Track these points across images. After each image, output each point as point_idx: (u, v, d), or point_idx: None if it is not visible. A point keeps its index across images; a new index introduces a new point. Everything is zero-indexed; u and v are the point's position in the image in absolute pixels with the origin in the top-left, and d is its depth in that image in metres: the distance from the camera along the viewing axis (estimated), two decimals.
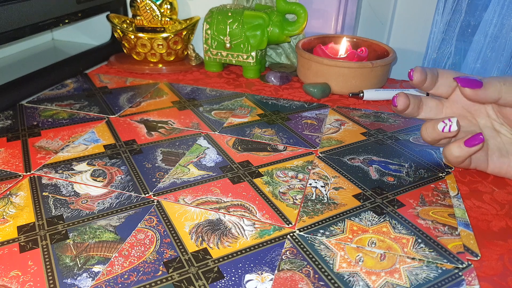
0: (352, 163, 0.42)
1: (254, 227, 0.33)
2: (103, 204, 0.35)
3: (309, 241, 0.32)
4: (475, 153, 0.39)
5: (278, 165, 0.41)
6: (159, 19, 0.66)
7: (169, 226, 0.33)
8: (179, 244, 0.31)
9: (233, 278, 0.29)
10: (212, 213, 0.35)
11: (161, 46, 0.63)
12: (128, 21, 0.67)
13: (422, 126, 0.40)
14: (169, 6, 0.66)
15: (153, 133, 0.47)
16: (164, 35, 0.62)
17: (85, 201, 0.36)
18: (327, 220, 0.34)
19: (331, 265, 0.30)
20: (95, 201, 0.36)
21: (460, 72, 0.39)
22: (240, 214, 0.34)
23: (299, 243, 0.32)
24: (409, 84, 0.62)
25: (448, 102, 0.41)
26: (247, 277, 0.29)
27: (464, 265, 0.30)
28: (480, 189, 0.39)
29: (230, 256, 0.30)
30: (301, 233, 0.33)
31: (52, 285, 0.28)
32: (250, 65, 0.62)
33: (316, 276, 0.29)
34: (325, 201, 0.36)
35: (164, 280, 0.28)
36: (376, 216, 0.35)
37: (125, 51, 0.67)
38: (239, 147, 0.45)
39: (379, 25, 0.78)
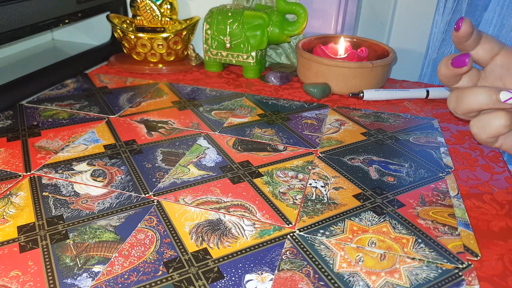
0: (352, 163, 0.42)
1: (254, 227, 0.33)
2: (103, 204, 0.35)
3: (309, 241, 0.32)
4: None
5: (278, 165, 0.41)
6: (159, 19, 0.66)
7: (169, 226, 0.33)
8: (179, 244, 0.31)
9: (233, 278, 0.29)
10: (212, 213, 0.35)
11: (161, 46, 0.63)
12: (128, 21, 0.67)
13: (470, 91, 0.35)
14: (169, 6, 0.66)
15: (153, 133, 0.47)
16: (164, 35, 0.62)
17: (85, 201, 0.36)
18: (327, 220, 0.34)
19: (331, 265, 0.30)
20: (95, 201, 0.36)
21: (505, 44, 0.37)
22: (240, 214, 0.34)
23: (299, 243, 0.32)
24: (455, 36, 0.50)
25: (484, 73, 0.39)
26: (247, 277, 0.29)
27: (464, 265, 0.30)
28: (480, 189, 0.39)
29: (230, 256, 0.30)
30: (301, 233, 0.33)
31: (52, 285, 0.28)
32: (250, 65, 0.62)
33: (316, 276, 0.29)
34: (325, 201, 0.36)
35: (164, 280, 0.28)
36: (376, 216, 0.35)
37: (125, 51, 0.67)
38: (239, 147, 0.45)
39: (379, 25, 0.78)
